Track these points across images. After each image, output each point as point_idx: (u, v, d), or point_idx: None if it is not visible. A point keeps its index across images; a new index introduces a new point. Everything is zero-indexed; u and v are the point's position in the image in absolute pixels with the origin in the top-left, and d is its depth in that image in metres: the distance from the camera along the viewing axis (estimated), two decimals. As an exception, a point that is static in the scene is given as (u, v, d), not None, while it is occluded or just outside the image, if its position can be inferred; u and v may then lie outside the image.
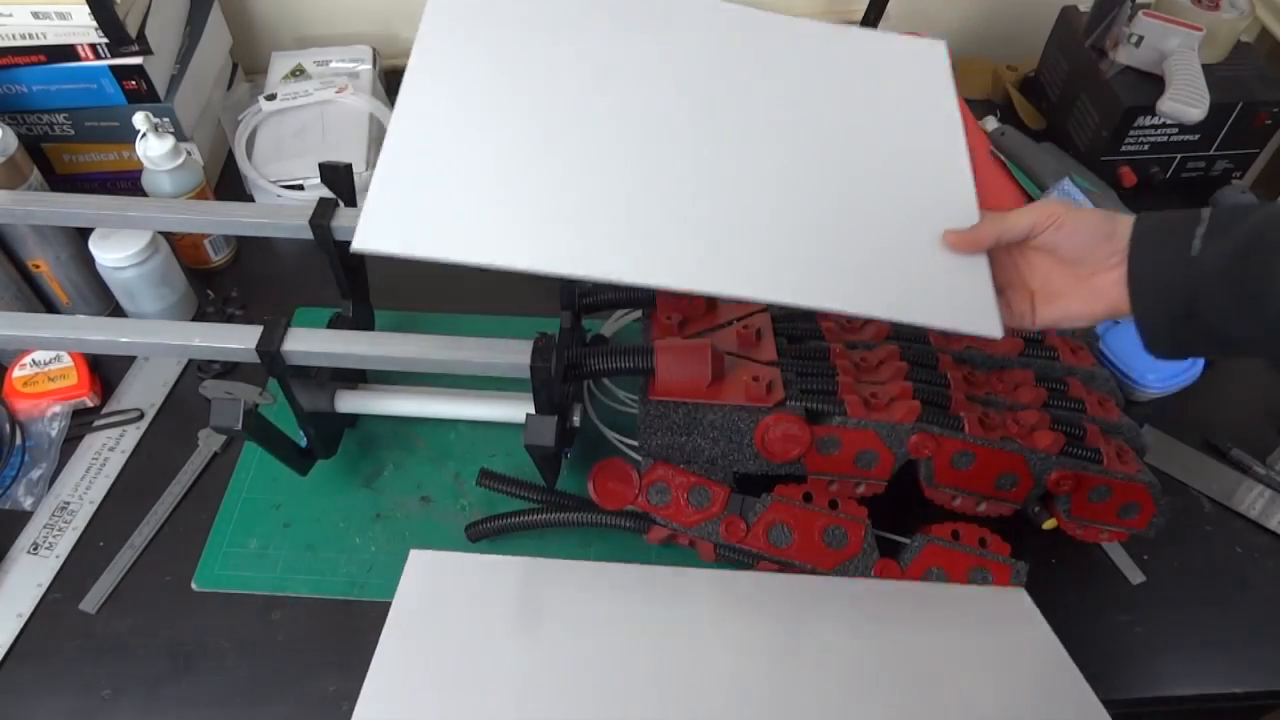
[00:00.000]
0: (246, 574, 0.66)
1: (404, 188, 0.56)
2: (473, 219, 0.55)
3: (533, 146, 0.59)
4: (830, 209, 0.59)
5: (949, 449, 0.62)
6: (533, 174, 0.57)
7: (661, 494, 0.63)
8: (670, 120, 0.62)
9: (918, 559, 0.62)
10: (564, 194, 0.57)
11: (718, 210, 0.58)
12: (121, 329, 0.60)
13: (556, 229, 0.55)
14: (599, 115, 0.61)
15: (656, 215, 0.57)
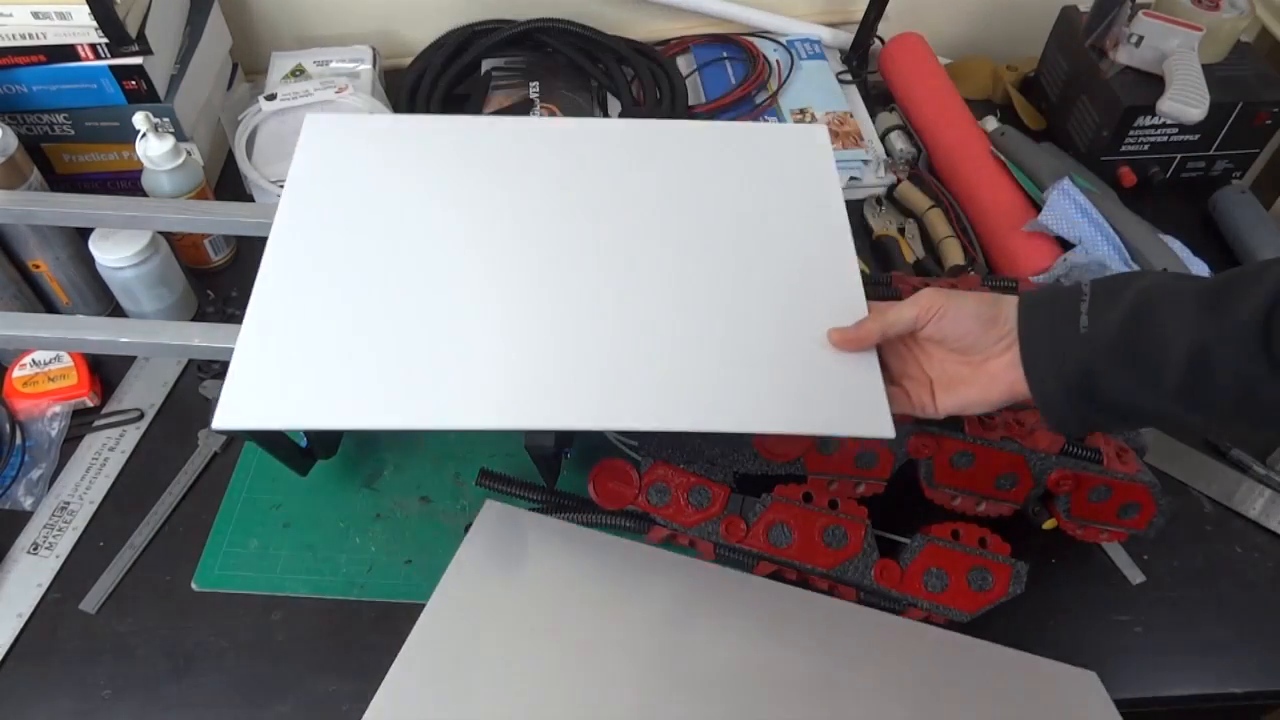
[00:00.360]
0: (246, 574, 0.66)
1: (266, 357, 0.55)
2: (336, 382, 0.54)
3: (395, 300, 0.58)
4: (719, 323, 0.58)
5: (949, 449, 0.62)
6: (396, 329, 0.57)
7: (661, 494, 0.63)
8: (542, 251, 0.61)
9: (918, 559, 0.62)
10: (433, 345, 0.56)
11: (598, 341, 0.57)
12: (121, 329, 0.60)
13: (426, 383, 0.54)
14: (465, 258, 0.60)
15: (529, 354, 0.56)
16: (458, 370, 0.55)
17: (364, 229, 0.62)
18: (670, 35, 1.09)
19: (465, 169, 0.66)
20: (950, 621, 0.62)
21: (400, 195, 0.64)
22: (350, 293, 0.59)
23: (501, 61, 1.03)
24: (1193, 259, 0.81)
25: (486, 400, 0.54)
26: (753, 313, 0.59)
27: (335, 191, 0.64)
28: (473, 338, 0.57)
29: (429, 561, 0.67)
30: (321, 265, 0.60)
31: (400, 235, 0.62)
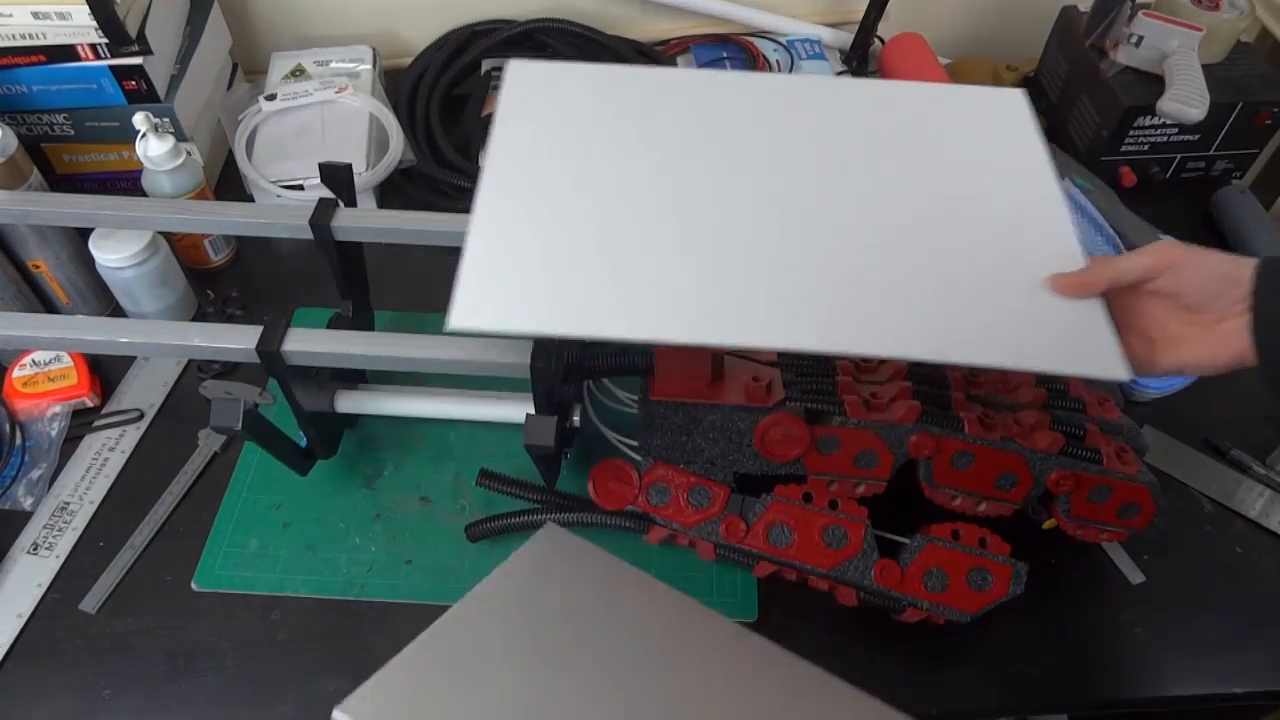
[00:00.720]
0: (246, 574, 0.66)
1: (494, 263, 0.56)
2: (563, 292, 0.55)
3: (616, 220, 0.59)
4: (933, 262, 0.58)
5: (949, 449, 0.62)
6: (619, 246, 0.57)
7: (661, 494, 0.63)
8: (755, 184, 0.61)
9: (918, 559, 0.62)
10: (656, 262, 0.57)
11: (817, 269, 0.57)
12: (121, 329, 0.60)
13: (651, 297, 0.55)
14: (685, 185, 0.61)
15: (749, 277, 0.56)
16: (680, 288, 0.56)
17: (577, 157, 0.63)
18: (670, 35, 1.09)
19: (670, 110, 0.67)
20: (950, 621, 0.62)
21: (605, 131, 0.65)
22: (570, 212, 0.59)
23: (501, 61, 1.03)
24: (1193, 259, 0.81)
25: (711, 318, 0.54)
26: (966, 255, 0.58)
27: (545, 126, 0.65)
28: (696, 259, 0.57)
29: (429, 562, 0.67)
30: (538, 187, 0.61)
31: (614, 163, 0.63)
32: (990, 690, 0.63)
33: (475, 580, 0.66)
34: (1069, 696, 0.63)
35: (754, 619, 0.65)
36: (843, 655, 0.64)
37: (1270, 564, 0.69)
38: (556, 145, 0.63)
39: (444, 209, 0.89)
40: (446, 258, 0.87)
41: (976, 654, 0.64)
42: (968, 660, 0.64)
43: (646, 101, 0.67)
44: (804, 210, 0.60)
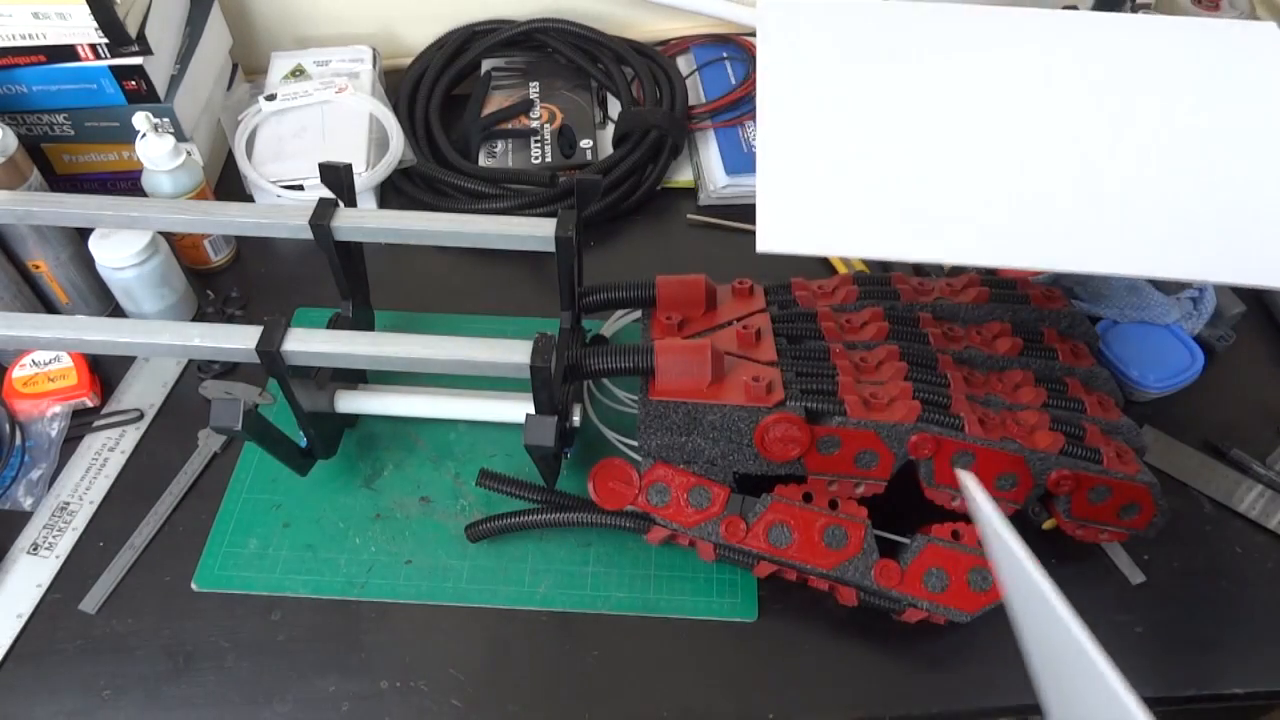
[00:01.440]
0: (246, 574, 0.66)
1: (789, 185, 0.57)
2: (860, 213, 0.56)
3: (907, 139, 0.60)
4: (1232, 188, 0.59)
5: (949, 449, 0.62)
6: (911, 164, 0.58)
7: (661, 494, 0.63)
8: (1031, 111, 0.63)
9: (918, 559, 0.62)
10: (947, 183, 0.58)
11: (1114, 196, 0.58)
12: (121, 329, 0.60)
13: (946, 219, 0.56)
14: (966, 110, 0.62)
15: (1044, 201, 0.57)
16: (978, 210, 0.57)
17: (853, 80, 0.64)
18: (670, 35, 1.09)
19: (937, 38, 0.68)
20: (950, 621, 0.62)
21: (883, 52, 0.66)
22: (856, 132, 0.61)
23: (501, 61, 1.03)
24: (1193, 259, 0.81)
25: (1015, 241, 0.55)
26: (1241, 181, 0.59)
27: (812, 49, 0.66)
28: (986, 181, 0.58)
29: (429, 561, 0.67)
30: (817, 109, 0.62)
31: (892, 87, 0.64)
32: (990, 690, 0.63)
33: (475, 580, 0.67)
34: (1069, 696, 0.63)
35: (754, 619, 0.65)
36: (843, 655, 0.64)
37: (1270, 564, 0.69)
38: (830, 69, 0.64)
39: (444, 209, 0.89)
40: (447, 258, 0.88)
41: (977, 654, 0.64)
42: (968, 660, 0.64)
43: (911, 29, 0.68)
44: (1085, 137, 0.61)
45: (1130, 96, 0.65)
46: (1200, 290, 0.80)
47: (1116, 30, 0.71)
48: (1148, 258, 0.55)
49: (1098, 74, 0.66)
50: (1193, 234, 0.56)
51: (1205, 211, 0.57)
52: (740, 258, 0.89)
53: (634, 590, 0.66)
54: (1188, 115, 0.64)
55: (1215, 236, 0.56)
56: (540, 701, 0.62)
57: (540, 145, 0.94)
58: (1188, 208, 0.58)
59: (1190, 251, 0.55)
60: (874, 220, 0.56)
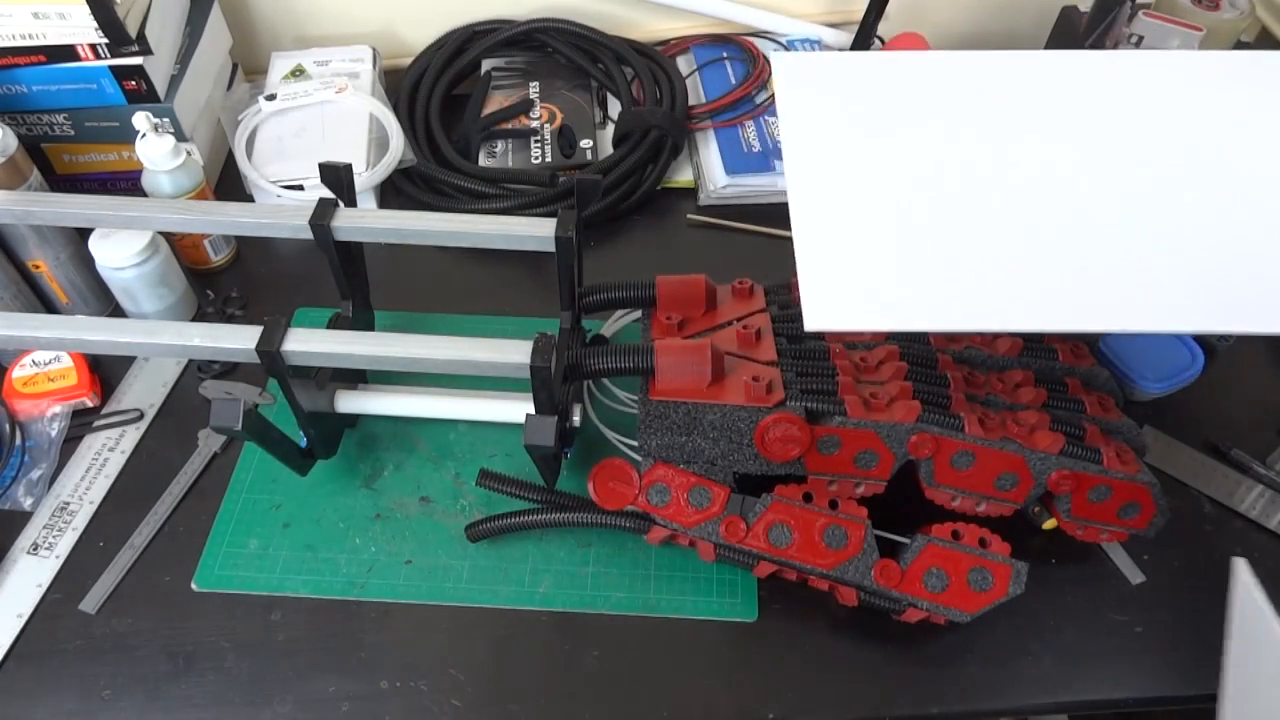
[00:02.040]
0: (246, 574, 0.66)
1: (830, 259, 0.57)
2: (908, 285, 0.56)
3: (940, 202, 0.59)
4: (1258, 235, 0.58)
5: (949, 449, 0.62)
6: (949, 228, 0.58)
7: (661, 494, 0.63)
8: (1057, 166, 0.62)
9: (918, 559, 0.62)
10: (989, 246, 0.57)
11: (1147, 250, 0.57)
12: (121, 329, 0.60)
13: (990, 286, 0.55)
14: (994, 165, 0.62)
15: (1090, 260, 0.56)
16: (1022, 273, 0.56)
17: (878, 143, 0.63)
18: (670, 35, 1.09)
19: (955, 91, 0.67)
20: (950, 621, 0.62)
21: (902, 112, 0.66)
22: (890, 199, 0.60)
23: (501, 61, 1.03)
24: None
25: (1052, 303, 0.55)
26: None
27: (833, 113, 0.66)
28: (1028, 241, 0.57)
29: (429, 561, 0.67)
30: (847, 176, 0.61)
31: (916, 148, 0.63)
32: (990, 690, 0.63)
33: (475, 580, 0.67)
34: (1069, 696, 0.63)
35: (754, 619, 0.65)
36: (843, 655, 0.64)
37: (1270, 564, 0.69)
38: (851, 133, 0.64)
39: (444, 209, 0.89)
40: (447, 258, 0.88)
41: (976, 654, 0.64)
42: (968, 660, 0.64)
43: (927, 84, 0.67)
44: (1116, 189, 0.60)
45: (1154, 141, 0.64)
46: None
47: (1131, 68, 0.69)
48: (1196, 311, 0.55)
49: (1120, 117, 0.65)
50: (1225, 285, 0.56)
51: (1249, 262, 0.57)
52: (740, 258, 0.89)
53: (634, 590, 0.66)
54: (1216, 160, 0.63)
55: (1248, 285, 0.56)
56: (540, 701, 0.62)
57: (540, 145, 0.94)
58: (1222, 259, 0.57)
59: (1226, 304, 0.55)
60: (917, 291, 0.55)
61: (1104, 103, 0.66)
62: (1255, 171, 0.62)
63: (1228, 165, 0.62)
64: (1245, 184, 0.61)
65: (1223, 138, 0.64)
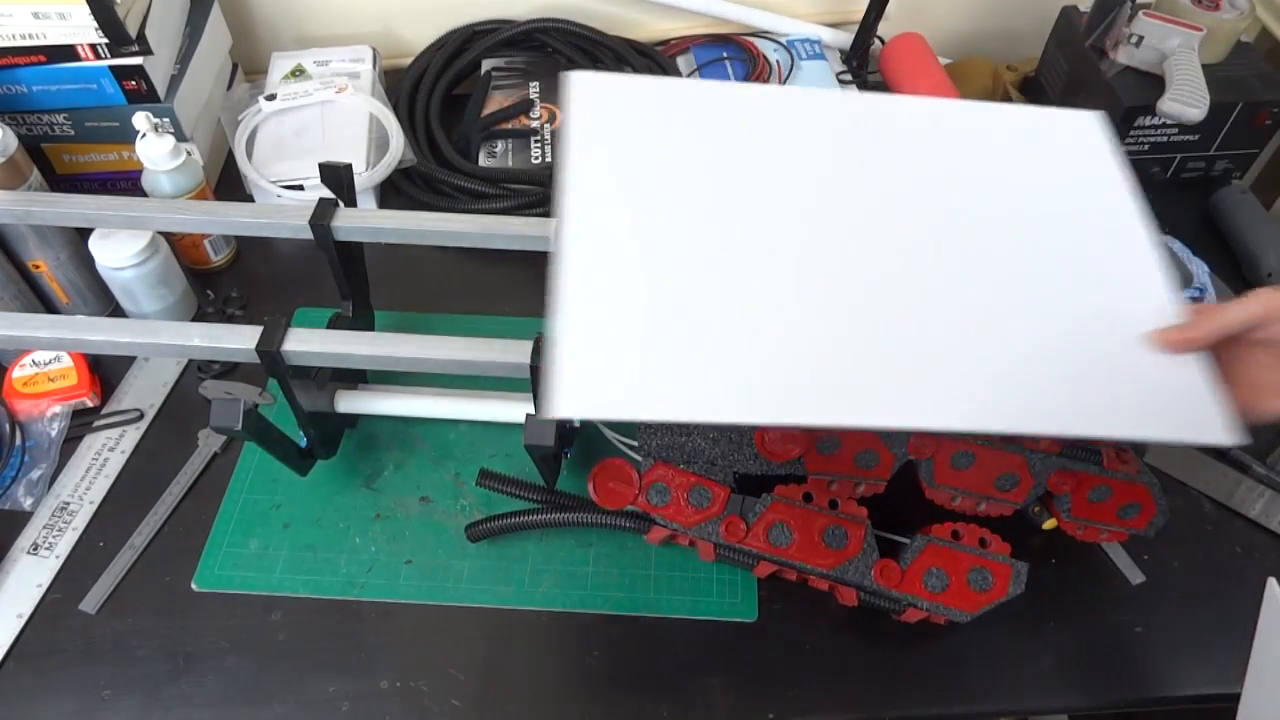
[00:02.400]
0: (246, 574, 0.66)
1: (590, 343, 0.51)
2: (668, 371, 0.50)
3: (707, 285, 0.54)
4: (1016, 322, 0.54)
5: (949, 449, 0.62)
6: (715, 315, 0.53)
7: (661, 494, 0.63)
8: (827, 236, 0.57)
9: (918, 559, 0.62)
10: (759, 330, 0.52)
11: (896, 334, 0.53)
12: (120, 330, 0.60)
13: (752, 374, 0.51)
14: (773, 235, 0.57)
15: (836, 347, 0.52)
16: (787, 360, 0.51)
17: (658, 205, 0.58)
18: (670, 35, 1.09)
19: (748, 142, 0.62)
20: (950, 622, 0.62)
21: (689, 167, 0.60)
22: (663, 273, 0.54)
23: (501, 61, 1.03)
24: (1193, 259, 0.81)
25: (815, 395, 0.50)
26: (1049, 312, 0.55)
27: (622, 160, 0.60)
28: (795, 328, 0.53)
29: (429, 561, 0.67)
30: (622, 245, 0.56)
31: (696, 212, 0.58)
32: (990, 690, 0.63)
33: (475, 580, 0.67)
34: (1069, 696, 0.63)
35: (754, 619, 0.65)
36: (843, 655, 0.64)
37: (1270, 564, 0.69)
38: (640, 177, 0.59)
39: (444, 209, 0.89)
40: (447, 258, 0.87)
41: (977, 654, 0.64)
42: (968, 660, 0.64)
43: (726, 130, 0.62)
44: (880, 262, 0.56)
45: (930, 211, 0.59)
46: (1200, 290, 0.80)
47: (936, 122, 0.65)
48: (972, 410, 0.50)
49: (898, 182, 0.61)
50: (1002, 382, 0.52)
51: (1011, 353, 0.53)
52: (740, 258, 0.89)
53: (634, 590, 0.66)
54: (997, 233, 0.58)
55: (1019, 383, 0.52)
56: (540, 701, 0.62)
57: (540, 145, 0.94)
58: (998, 351, 0.53)
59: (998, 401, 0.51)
60: (684, 377, 0.49)
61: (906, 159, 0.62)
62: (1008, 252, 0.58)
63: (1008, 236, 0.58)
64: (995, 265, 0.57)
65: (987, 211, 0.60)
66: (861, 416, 0.50)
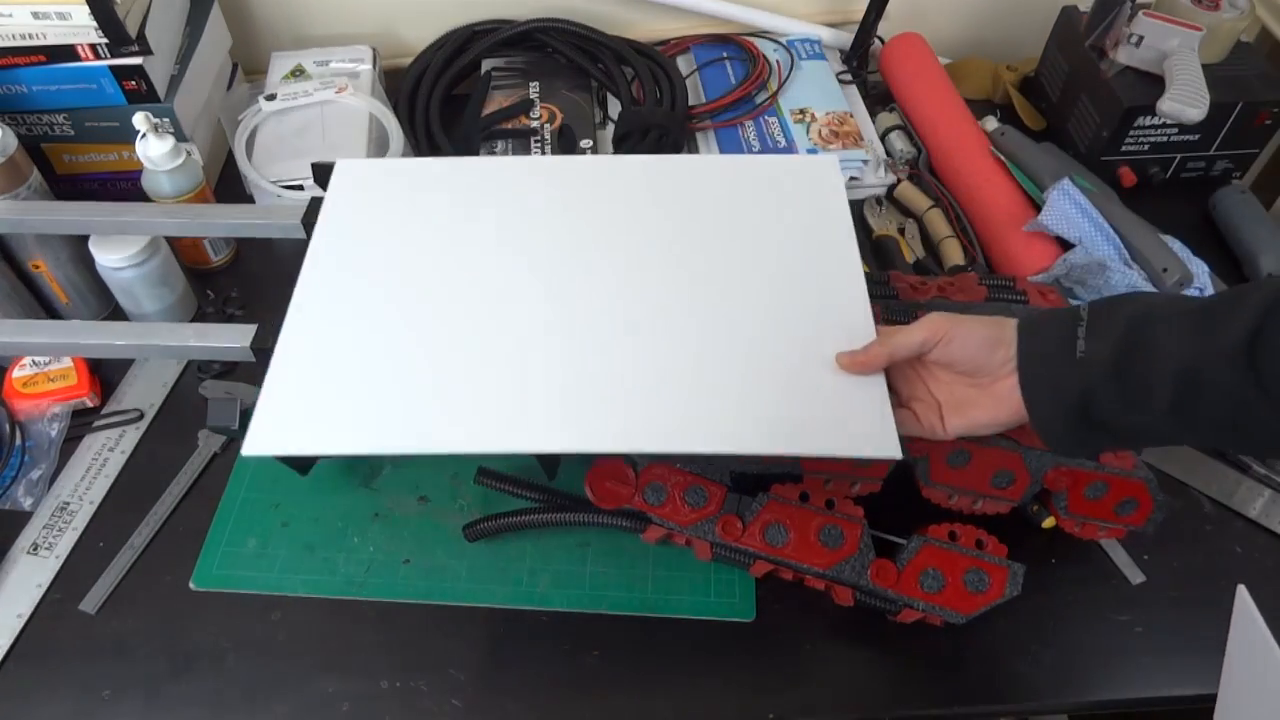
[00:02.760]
0: (245, 574, 0.66)
1: (296, 386, 0.57)
2: (366, 408, 0.56)
3: (420, 332, 0.60)
4: (731, 349, 0.59)
5: (945, 447, 0.62)
6: (420, 359, 0.58)
7: (658, 493, 0.63)
8: (561, 282, 0.63)
9: (914, 560, 0.62)
10: (457, 373, 0.58)
11: (613, 368, 0.58)
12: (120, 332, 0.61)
13: (450, 410, 0.56)
14: (488, 291, 0.62)
15: (549, 381, 0.57)
16: (483, 397, 0.57)
17: (396, 264, 0.64)
18: (670, 35, 1.09)
19: (488, 207, 0.68)
20: (946, 622, 0.62)
21: (425, 232, 0.66)
22: (381, 325, 0.60)
23: (501, 61, 1.03)
24: (1193, 259, 0.81)
25: (517, 425, 0.56)
26: (763, 338, 0.60)
27: (366, 229, 0.66)
28: (505, 366, 0.58)
29: (427, 561, 0.67)
30: (353, 298, 0.62)
31: (428, 270, 0.64)
32: (990, 690, 0.63)
33: (473, 580, 0.67)
34: (1069, 696, 0.63)
35: (752, 618, 0.65)
36: (843, 655, 0.64)
37: (1270, 564, 0.69)
38: (372, 248, 0.65)
39: (443, 209, 0.89)
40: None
41: (976, 653, 0.64)
42: (967, 660, 0.64)
43: (464, 196, 0.69)
44: (606, 302, 0.62)
45: (665, 252, 0.65)
46: (1200, 290, 0.80)
47: (664, 175, 0.71)
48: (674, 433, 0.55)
49: (635, 229, 0.66)
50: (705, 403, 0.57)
51: (721, 379, 0.58)
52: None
53: (632, 590, 0.66)
54: (728, 268, 0.64)
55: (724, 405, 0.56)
56: (540, 701, 0.62)
57: (540, 145, 0.94)
58: (706, 377, 0.58)
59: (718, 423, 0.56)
60: (379, 415, 0.55)
61: (618, 216, 0.68)
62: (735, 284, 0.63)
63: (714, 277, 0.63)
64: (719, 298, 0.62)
65: (721, 250, 0.65)
66: (536, 443, 0.55)
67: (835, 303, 0.62)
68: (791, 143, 0.94)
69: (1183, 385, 0.47)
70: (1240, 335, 0.45)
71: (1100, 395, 0.49)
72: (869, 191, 0.94)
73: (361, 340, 0.59)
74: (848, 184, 0.93)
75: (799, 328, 0.60)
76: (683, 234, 0.66)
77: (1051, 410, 0.52)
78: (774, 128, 0.96)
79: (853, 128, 0.95)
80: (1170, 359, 0.47)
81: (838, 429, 0.56)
